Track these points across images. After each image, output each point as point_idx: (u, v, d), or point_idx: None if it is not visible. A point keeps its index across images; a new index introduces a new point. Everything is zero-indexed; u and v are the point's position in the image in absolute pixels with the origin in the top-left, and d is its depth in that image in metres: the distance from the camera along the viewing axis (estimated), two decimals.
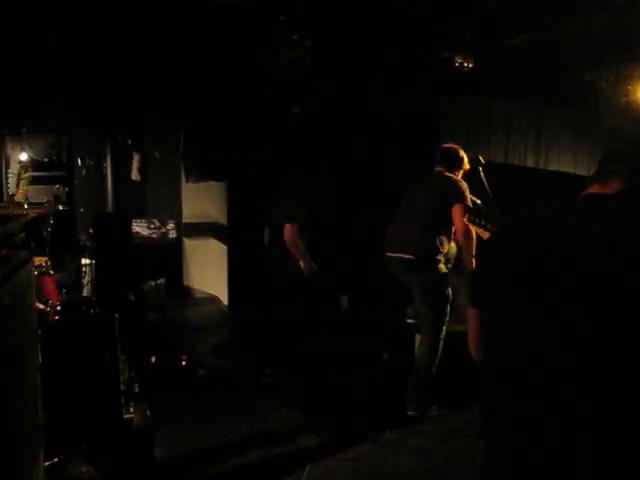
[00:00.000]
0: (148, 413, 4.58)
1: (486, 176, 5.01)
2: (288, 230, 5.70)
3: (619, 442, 1.69)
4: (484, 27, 5.32)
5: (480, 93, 6.92)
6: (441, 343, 4.90)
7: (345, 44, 6.00)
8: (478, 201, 5.01)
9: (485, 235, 4.79)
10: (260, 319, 6.69)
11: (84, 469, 3.86)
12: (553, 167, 6.87)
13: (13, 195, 5.04)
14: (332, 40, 6.02)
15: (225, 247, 8.16)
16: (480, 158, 5.04)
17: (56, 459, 3.74)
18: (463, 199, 4.78)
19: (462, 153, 5.08)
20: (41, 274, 4.39)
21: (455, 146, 5.15)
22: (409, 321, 5.53)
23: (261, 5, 5.40)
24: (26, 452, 2.70)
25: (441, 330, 4.90)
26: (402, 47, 6.04)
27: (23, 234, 2.70)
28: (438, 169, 5.03)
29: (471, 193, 4.98)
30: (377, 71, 6.60)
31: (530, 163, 6.95)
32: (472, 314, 2.04)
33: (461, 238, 4.82)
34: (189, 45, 6.21)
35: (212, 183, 8.44)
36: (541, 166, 6.94)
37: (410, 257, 4.89)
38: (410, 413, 4.87)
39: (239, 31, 5.81)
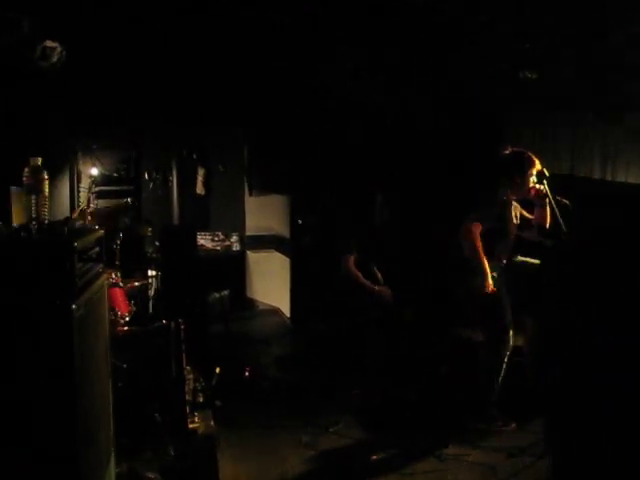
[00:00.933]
0: (212, 423, 4.67)
1: (552, 190, 4.91)
2: (345, 261, 5.96)
3: None
4: (549, 38, 5.27)
5: (545, 104, 6.83)
6: (503, 358, 4.83)
7: (407, 59, 6.02)
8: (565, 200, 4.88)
9: None
10: (323, 331, 6.73)
11: (150, 477, 3.95)
12: (621, 178, 6.72)
13: (85, 210, 5.23)
14: (391, 55, 6.04)
15: (288, 259, 8.24)
16: (544, 171, 4.96)
17: (124, 466, 3.84)
18: (474, 213, 4.75)
19: (517, 158, 4.98)
20: (111, 286, 4.54)
21: (508, 151, 5.05)
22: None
23: (323, 22, 5.47)
24: (98, 457, 2.79)
25: (500, 346, 4.82)
26: (467, 60, 6.02)
27: (97, 248, 2.81)
28: None
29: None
30: (438, 86, 6.59)
31: (597, 174, 6.81)
32: (531, 326, 2.02)
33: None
34: (252, 62, 6.33)
35: (275, 196, 8.56)
36: (608, 177, 6.79)
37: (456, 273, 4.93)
38: (474, 428, 4.81)
39: (302, 47, 5.89)
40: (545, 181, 4.91)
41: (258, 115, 7.84)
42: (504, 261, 4.96)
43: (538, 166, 4.90)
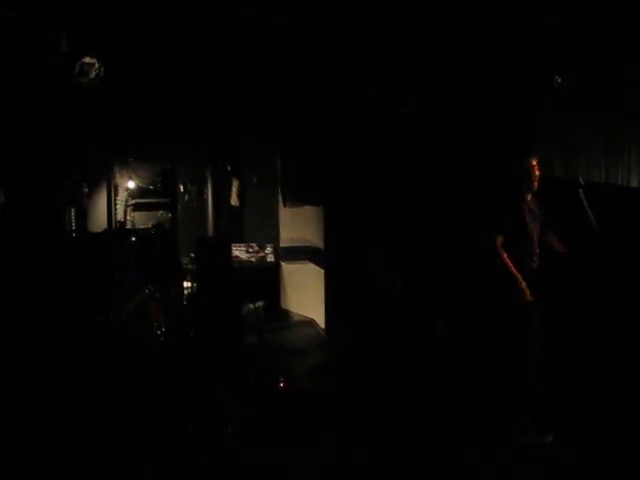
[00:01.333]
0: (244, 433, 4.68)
1: (587, 199, 4.84)
2: None
3: None
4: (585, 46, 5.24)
5: (579, 110, 6.74)
6: (531, 368, 4.77)
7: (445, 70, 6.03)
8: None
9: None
10: (355, 343, 6.72)
11: None
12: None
13: (122, 222, 5.33)
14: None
15: (322, 271, 8.24)
16: (580, 180, 4.90)
17: None
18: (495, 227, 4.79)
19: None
20: (148, 297, 4.60)
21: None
22: None
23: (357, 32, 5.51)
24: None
25: (527, 355, 4.77)
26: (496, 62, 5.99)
27: (134, 259, 2.87)
28: None
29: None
30: (469, 88, 6.55)
31: (634, 183, 6.69)
32: None
33: None
34: (285, 74, 6.39)
35: (309, 207, 8.58)
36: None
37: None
38: (513, 441, 4.74)
39: (333, 59, 5.93)
40: (581, 190, 4.85)
41: (292, 127, 7.88)
42: (534, 266, 4.92)
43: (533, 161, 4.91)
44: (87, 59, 5.37)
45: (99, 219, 7.56)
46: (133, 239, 3.89)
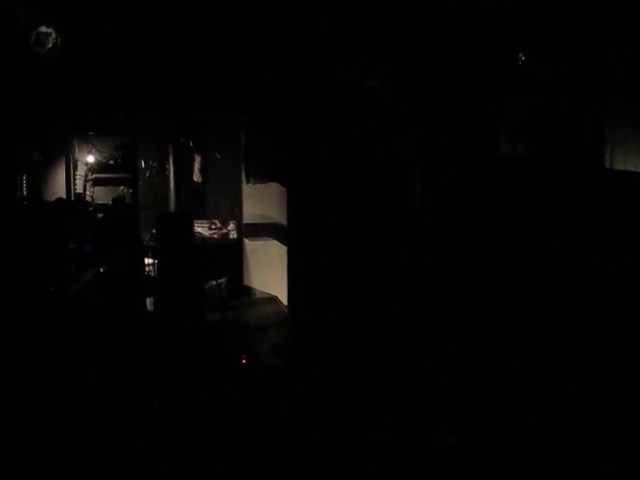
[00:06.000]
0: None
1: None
2: None
3: None
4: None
5: (542, 89, 6.78)
6: None
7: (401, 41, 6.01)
8: None
9: None
10: (318, 319, 6.73)
11: None
12: (619, 166, 6.69)
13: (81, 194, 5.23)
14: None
15: (285, 247, 8.21)
16: None
17: None
18: None
19: None
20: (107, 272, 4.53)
21: None
22: None
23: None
24: None
25: None
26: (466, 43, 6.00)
27: (90, 230, 2.81)
28: None
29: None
30: (437, 69, 6.55)
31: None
32: None
33: None
34: (249, 49, 6.31)
35: (272, 184, 8.52)
36: (606, 165, 6.76)
37: None
38: None
39: (298, 36, 5.88)
40: None
41: (255, 102, 7.80)
42: None
43: None
44: (43, 28, 5.23)
45: (58, 194, 7.40)
46: (91, 209, 3.80)
